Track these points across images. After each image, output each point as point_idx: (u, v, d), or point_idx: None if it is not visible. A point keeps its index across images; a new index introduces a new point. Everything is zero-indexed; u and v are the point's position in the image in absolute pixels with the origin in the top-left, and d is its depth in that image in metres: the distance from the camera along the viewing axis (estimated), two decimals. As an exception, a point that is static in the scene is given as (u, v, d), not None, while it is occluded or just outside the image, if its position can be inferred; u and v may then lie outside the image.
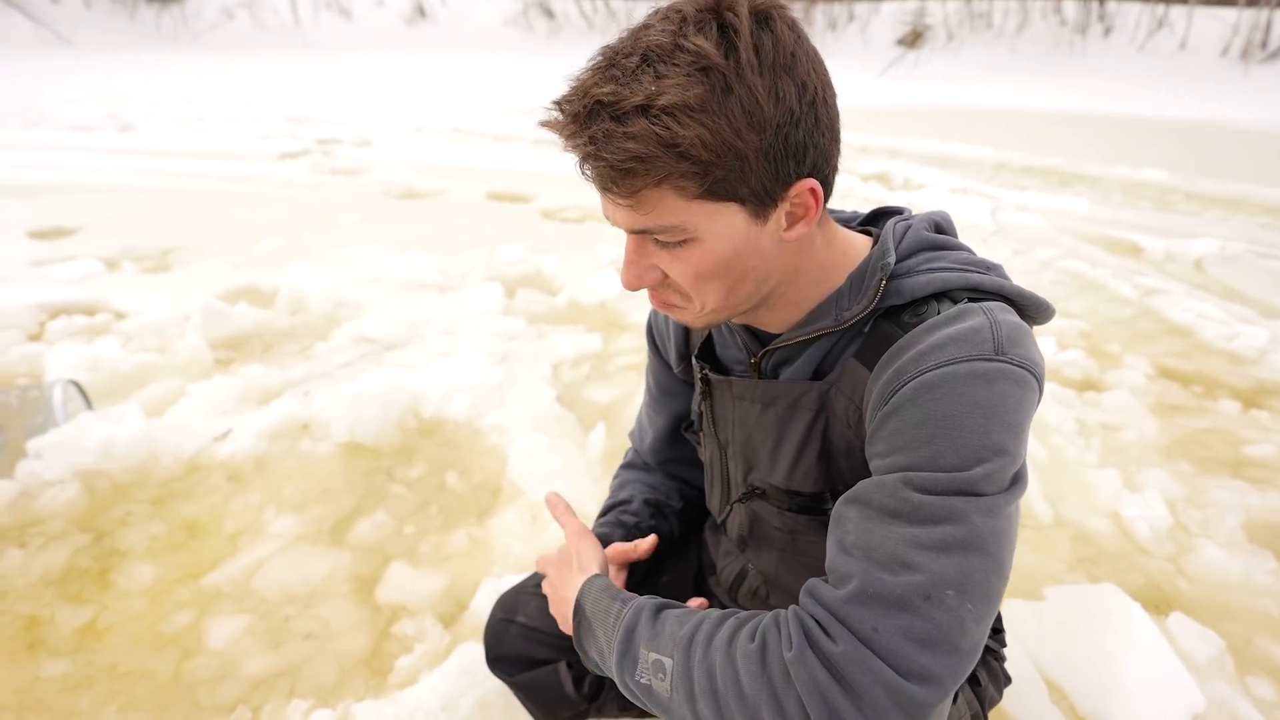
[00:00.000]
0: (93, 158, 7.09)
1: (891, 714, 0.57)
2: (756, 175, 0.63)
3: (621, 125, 0.59)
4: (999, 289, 0.73)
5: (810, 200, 0.68)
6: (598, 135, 0.60)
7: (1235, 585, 1.75)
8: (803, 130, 0.64)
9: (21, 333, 3.05)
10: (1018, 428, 0.63)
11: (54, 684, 1.49)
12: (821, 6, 25.66)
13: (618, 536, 1.02)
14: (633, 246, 0.70)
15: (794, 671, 0.60)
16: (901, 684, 0.57)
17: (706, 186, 0.63)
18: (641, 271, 0.71)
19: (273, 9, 29.63)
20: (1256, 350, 3.01)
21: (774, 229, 0.69)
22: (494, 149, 8.19)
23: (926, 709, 0.58)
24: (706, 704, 0.65)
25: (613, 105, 0.59)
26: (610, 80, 0.60)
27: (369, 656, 1.57)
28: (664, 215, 0.65)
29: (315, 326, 3.25)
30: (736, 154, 0.61)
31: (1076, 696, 1.44)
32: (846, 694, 0.58)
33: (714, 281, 0.69)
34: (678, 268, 0.69)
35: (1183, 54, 19.56)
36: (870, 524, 0.63)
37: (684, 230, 0.66)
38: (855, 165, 6.87)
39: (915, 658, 0.58)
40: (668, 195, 0.63)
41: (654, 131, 0.59)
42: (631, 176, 0.61)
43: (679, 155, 0.60)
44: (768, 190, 0.65)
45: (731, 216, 0.66)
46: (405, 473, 2.20)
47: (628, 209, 0.66)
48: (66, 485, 2.03)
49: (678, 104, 0.58)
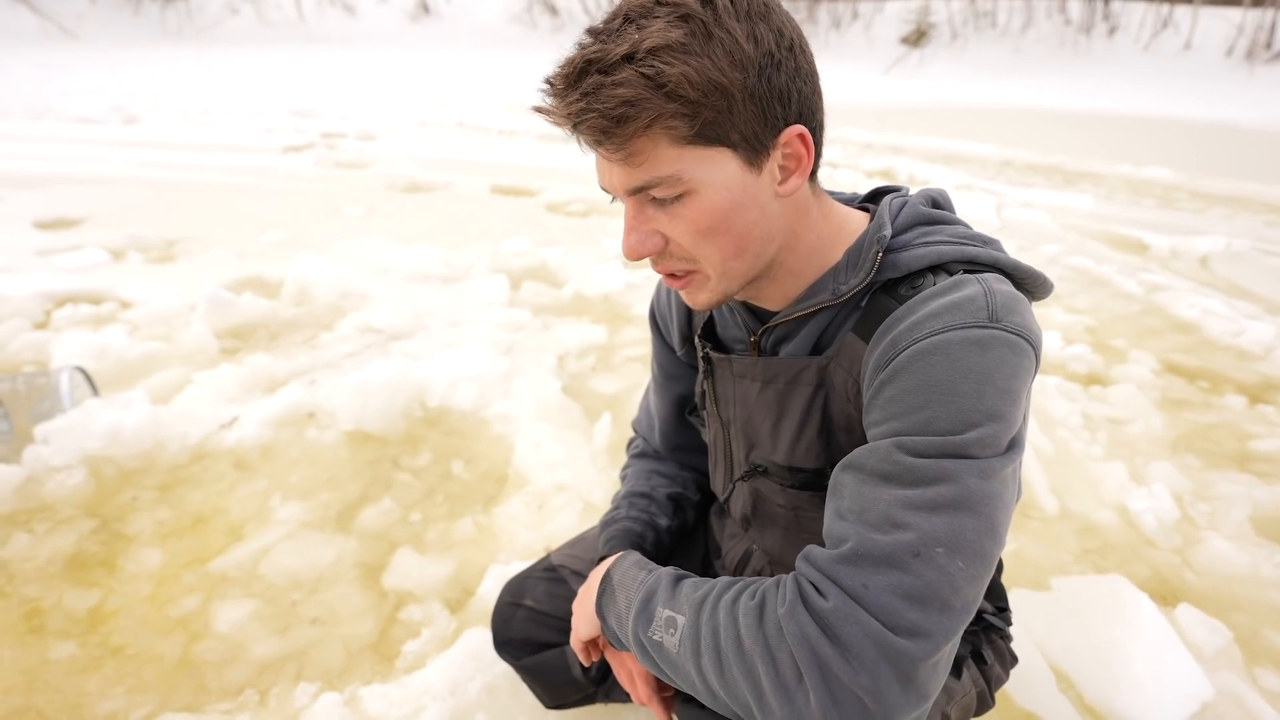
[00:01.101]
0: (98, 150, 7.10)
1: (880, 666, 0.58)
2: (744, 118, 0.65)
3: (609, 76, 0.61)
4: (994, 261, 0.73)
5: (801, 148, 0.69)
6: (588, 89, 0.62)
7: (1242, 577, 1.75)
8: (784, 74, 0.66)
9: (28, 321, 3.06)
10: (1013, 393, 0.64)
11: (62, 666, 1.49)
12: (826, 5, 25.61)
13: (649, 539, 1.02)
14: (632, 211, 0.71)
15: (786, 626, 0.61)
16: (890, 638, 0.58)
17: (696, 128, 0.64)
18: (643, 237, 0.71)
19: (277, 4, 29.66)
20: (1262, 346, 3.01)
21: (769, 181, 0.70)
22: (498, 143, 8.19)
23: (916, 663, 0.58)
24: (710, 658, 0.66)
25: (599, 61, 0.62)
26: (596, 43, 0.63)
27: (376, 641, 1.58)
28: (658, 165, 0.65)
29: (321, 317, 3.26)
30: (722, 91, 0.63)
31: (1084, 685, 1.44)
32: (835, 646, 0.59)
33: (715, 239, 0.70)
34: (678, 227, 0.70)
35: (1187, 54, 19.51)
36: (864, 488, 0.64)
37: (679, 180, 0.66)
38: (860, 162, 6.85)
39: (905, 613, 0.58)
40: (660, 142, 0.64)
41: (640, 74, 0.61)
42: (623, 123, 0.62)
43: (667, 95, 0.62)
44: (758, 135, 0.66)
45: (725, 163, 0.66)
46: (411, 461, 2.20)
47: (622, 165, 0.66)
48: (74, 471, 2.03)
49: (661, 45, 0.61)
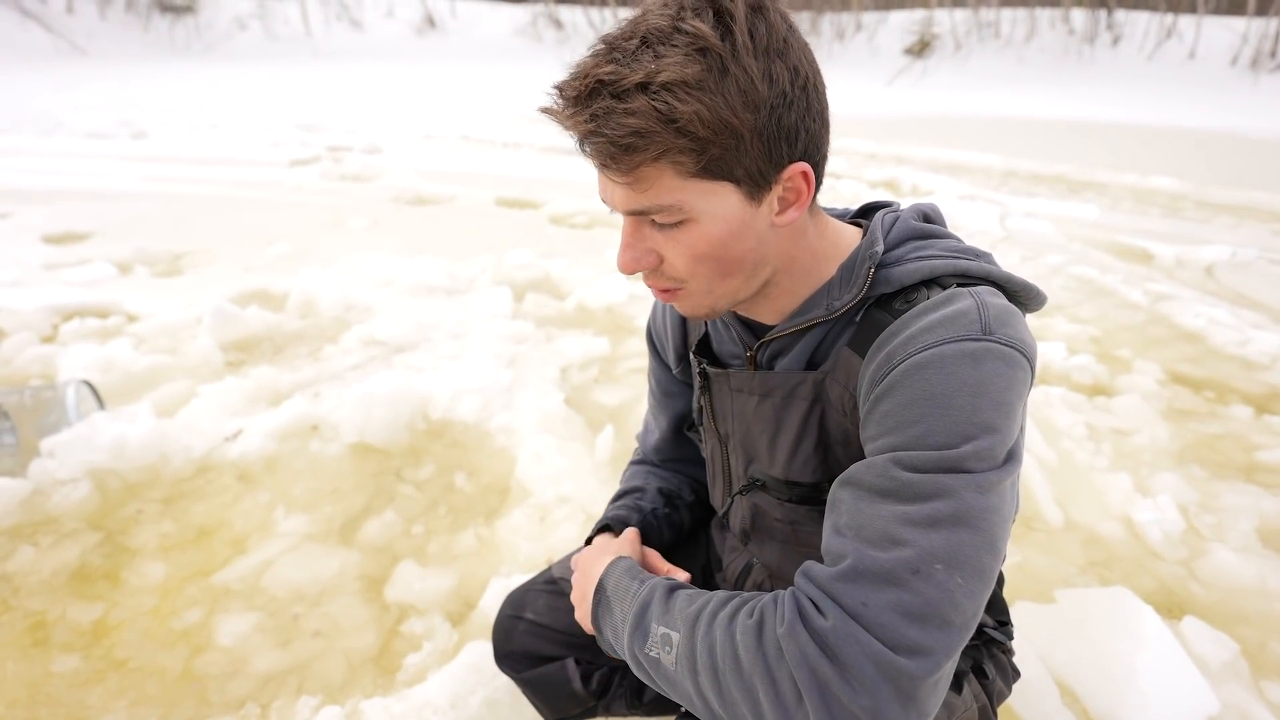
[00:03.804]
0: (107, 164, 7.17)
1: (880, 687, 0.58)
2: (751, 155, 0.65)
3: (622, 102, 0.61)
4: (986, 274, 0.74)
5: (802, 184, 0.70)
6: (599, 112, 0.62)
7: (1249, 590, 1.74)
8: (795, 113, 0.66)
9: (35, 334, 3.08)
10: (1008, 406, 0.64)
11: (65, 679, 1.50)
12: (830, 16, 25.75)
13: (634, 520, 1.03)
14: (630, 229, 0.71)
15: (785, 646, 0.61)
16: (890, 657, 0.58)
17: (703, 164, 0.64)
18: (638, 255, 0.72)
19: (284, 19, 29.97)
20: (1268, 356, 2.99)
21: (767, 212, 0.70)
22: (503, 156, 8.24)
23: (916, 682, 0.58)
24: (707, 677, 0.66)
25: (613, 84, 0.61)
26: (611, 62, 0.62)
27: (377, 654, 1.57)
28: (661, 194, 0.66)
29: (325, 329, 3.27)
30: (732, 132, 0.63)
31: (1088, 699, 1.43)
32: (835, 667, 0.59)
33: (709, 264, 0.70)
34: (674, 250, 0.70)
35: (1192, 63, 19.52)
36: (861, 504, 0.64)
37: (680, 210, 0.67)
38: (863, 172, 6.87)
39: (904, 631, 0.58)
40: (665, 173, 0.65)
41: (653, 107, 0.60)
42: (631, 152, 0.63)
43: (677, 131, 0.62)
44: (762, 172, 0.67)
45: (727, 197, 0.67)
46: (414, 473, 2.21)
47: (625, 188, 0.67)
48: (79, 484, 2.04)
49: (676, 80, 0.60)
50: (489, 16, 30.58)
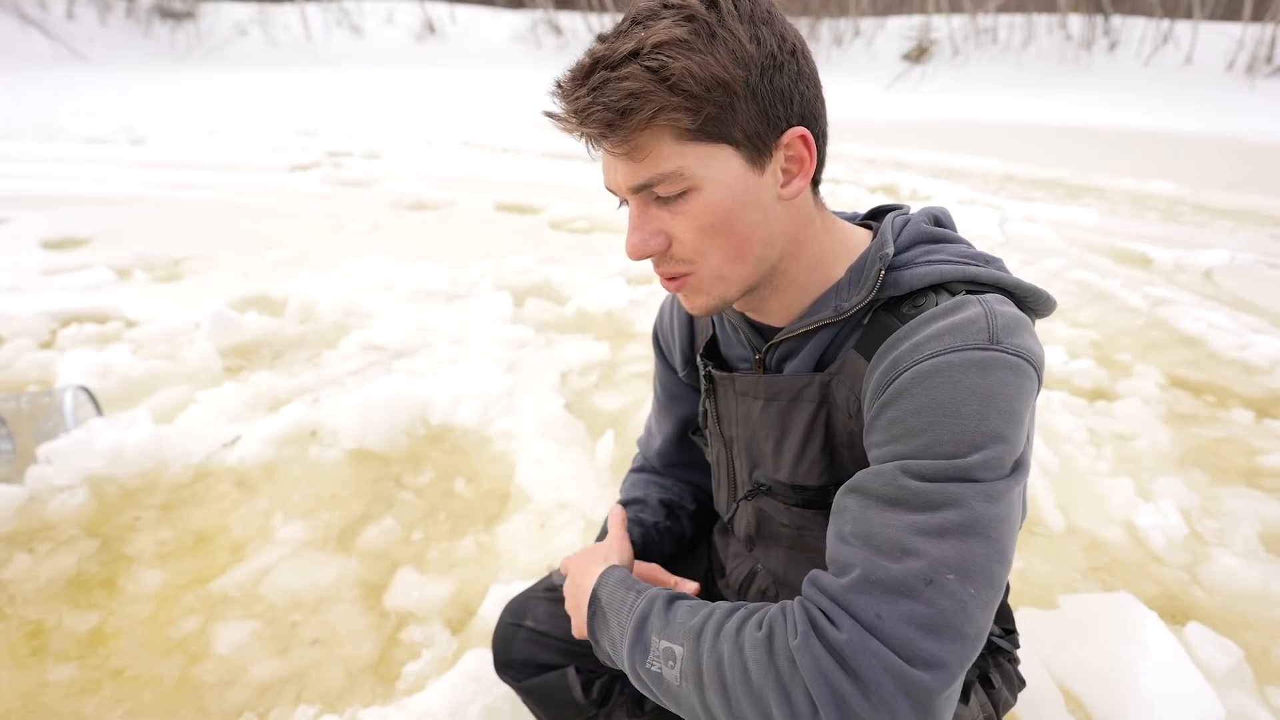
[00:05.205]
0: (106, 170, 7.17)
1: (898, 700, 0.57)
2: (746, 115, 0.66)
3: (615, 71, 0.64)
4: (996, 281, 0.73)
5: (803, 150, 0.70)
6: (595, 85, 0.64)
7: (1253, 595, 1.73)
8: (786, 76, 0.67)
9: (33, 340, 3.07)
10: (1015, 415, 0.63)
11: (60, 688, 1.48)
12: (828, 22, 25.84)
13: (635, 535, 1.02)
14: (636, 210, 0.72)
15: (799, 659, 0.60)
16: (908, 670, 0.57)
17: (699, 123, 0.65)
18: (646, 236, 0.71)
19: (285, 26, 30.05)
20: (1268, 360, 2.99)
21: (771, 183, 0.70)
22: (502, 161, 8.24)
23: (933, 695, 0.57)
24: (715, 692, 0.65)
25: (607, 59, 0.64)
26: (604, 45, 0.66)
27: (376, 663, 1.56)
28: (660, 161, 0.67)
29: (324, 335, 3.27)
30: (725, 87, 0.64)
31: (1092, 706, 1.42)
32: (853, 681, 0.58)
33: (717, 238, 0.70)
34: (681, 225, 0.70)
35: (1188, 68, 19.58)
36: (869, 512, 0.64)
37: (682, 177, 0.67)
38: (862, 177, 6.87)
39: (920, 643, 0.58)
40: (663, 137, 0.66)
41: (645, 68, 0.63)
42: (627, 116, 0.64)
43: (670, 89, 0.63)
44: (760, 135, 0.67)
45: (728, 161, 0.67)
46: (413, 479, 2.20)
47: (626, 160, 0.67)
48: (76, 490, 2.03)
49: (665, 41, 0.63)
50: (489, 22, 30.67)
